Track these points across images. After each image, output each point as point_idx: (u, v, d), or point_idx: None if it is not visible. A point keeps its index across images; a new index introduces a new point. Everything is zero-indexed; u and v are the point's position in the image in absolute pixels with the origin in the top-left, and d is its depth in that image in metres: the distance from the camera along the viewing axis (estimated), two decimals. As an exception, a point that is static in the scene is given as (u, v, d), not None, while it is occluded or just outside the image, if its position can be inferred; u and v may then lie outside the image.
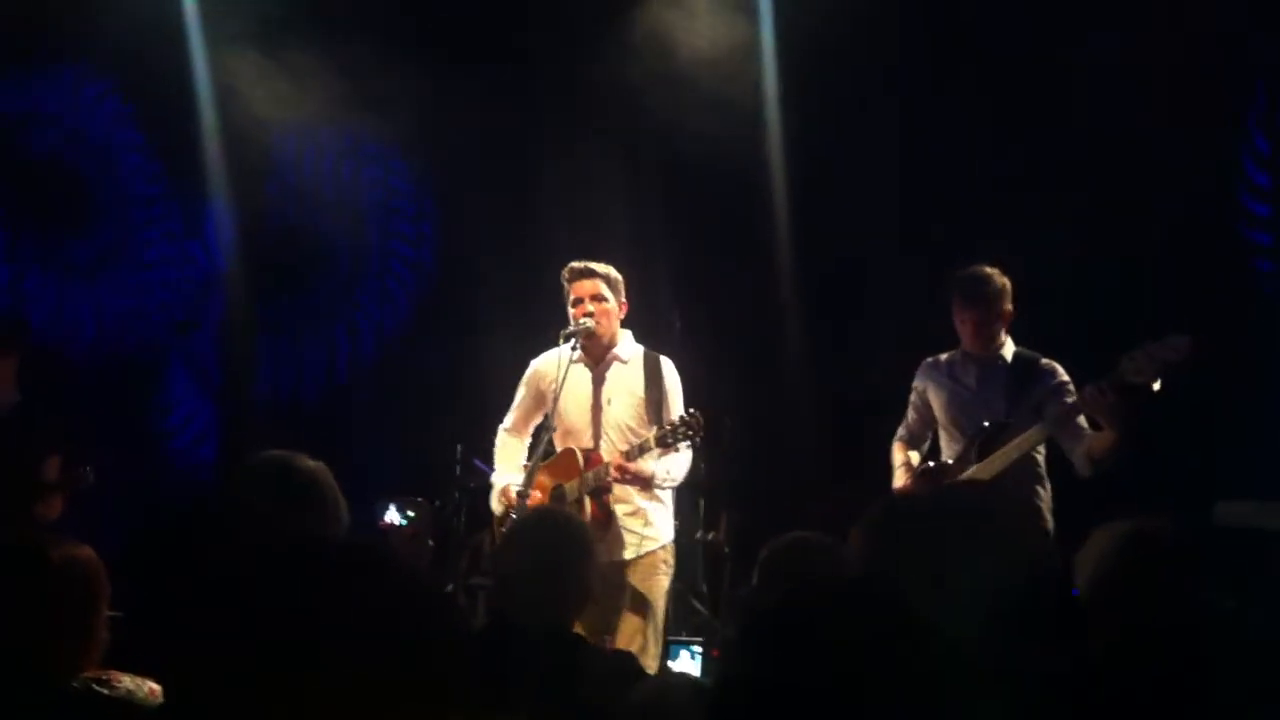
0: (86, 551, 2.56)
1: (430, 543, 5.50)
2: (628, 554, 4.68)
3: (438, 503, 6.70)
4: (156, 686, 2.46)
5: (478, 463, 6.47)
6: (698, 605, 6.04)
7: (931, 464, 4.75)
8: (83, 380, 7.47)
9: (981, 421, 4.62)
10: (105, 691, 2.44)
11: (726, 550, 6.25)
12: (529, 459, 4.87)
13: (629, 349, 4.86)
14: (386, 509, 6.43)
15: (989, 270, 4.68)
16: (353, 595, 1.95)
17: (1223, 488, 5.51)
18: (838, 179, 6.80)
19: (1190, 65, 6.01)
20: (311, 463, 2.95)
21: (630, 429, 4.76)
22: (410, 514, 6.35)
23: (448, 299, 7.73)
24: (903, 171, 6.73)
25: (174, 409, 7.87)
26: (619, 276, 4.85)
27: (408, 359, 7.73)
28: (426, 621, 1.95)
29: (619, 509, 4.69)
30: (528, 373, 4.97)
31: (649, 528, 4.72)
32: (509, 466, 4.93)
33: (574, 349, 4.75)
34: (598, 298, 4.76)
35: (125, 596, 2.73)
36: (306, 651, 1.88)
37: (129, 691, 2.45)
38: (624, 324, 4.93)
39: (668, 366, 4.82)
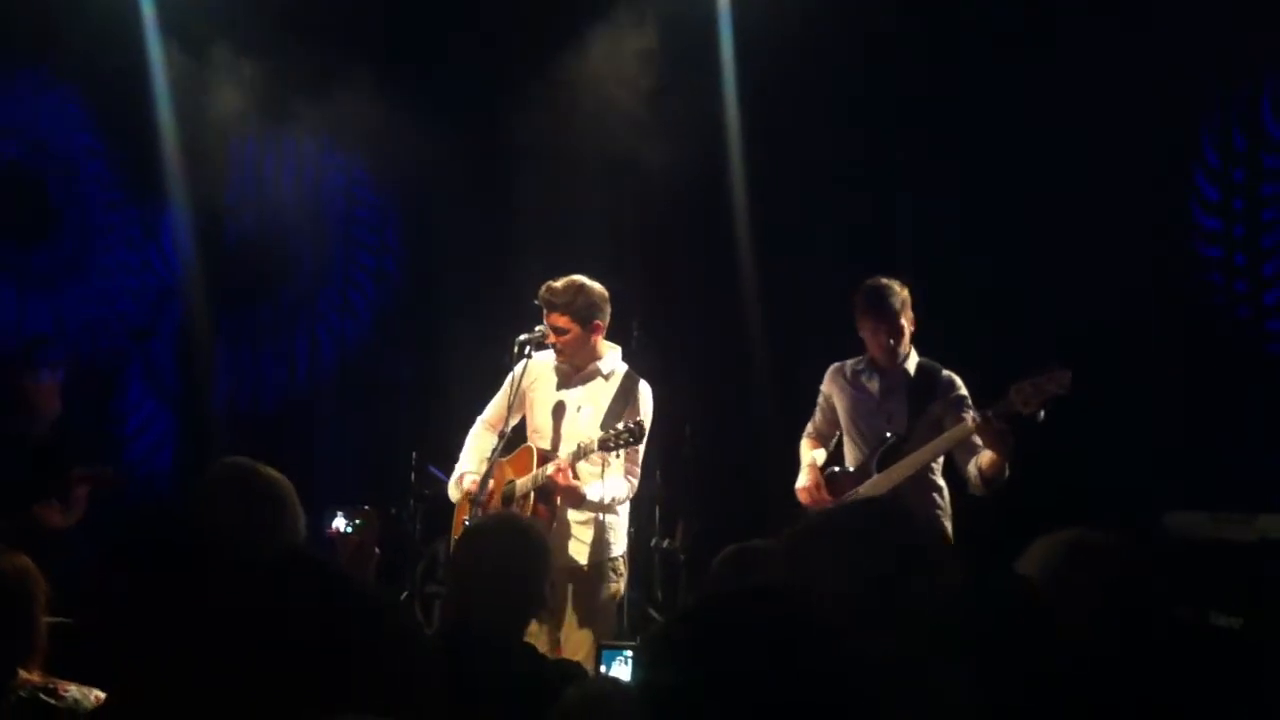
0: (20, 558, 2.56)
1: (377, 551, 5.44)
2: (580, 560, 4.69)
3: (393, 510, 6.68)
4: (103, 695, 2.47)
5: (432, 470, 6.46)
6: (654, 614, 6.06)
7: (836, 469, 4.91)
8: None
9: (883, 430, 4.81)
10: (52, 700, 2.44)
11: (683, 558, 6.28)
12: (491, 454, 4.87)
13: (611, 364, 4.89)
14: (334, 517, 6.42)
15: (889, 281, 4.81)
16: (297, 606, 1.96)
17: (1173, 499, 5.59)
18: (799, 193, 6.84)
19: (1142, 79, 6.10)
20: (273, 473, 2.96)
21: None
22: (357, 522, 6.35)
23: (409, 309, 7.72)
24: (864, 184, 6.78)
25: (131, 416, 7.82)
26: (591, 300, 4.76)
27: (368, 368, 7.71)
28: (369, 631, 1.96)
29: (572, 516, 4.70)
30: (514, 370, 4.97)
31: (600, 538, 4.73)
32: (473, 458, 4.94)
33: (528, 356, 4.79)
34: (558, 330, 4.78)
35: (82, 602, 2.73)
36: (252, 660, 1.89)
37: (75, 700, 2.45)
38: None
39: (644, 389, 4.83)
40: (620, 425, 4.54)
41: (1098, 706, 2.30)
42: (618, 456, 4.64)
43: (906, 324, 4.81)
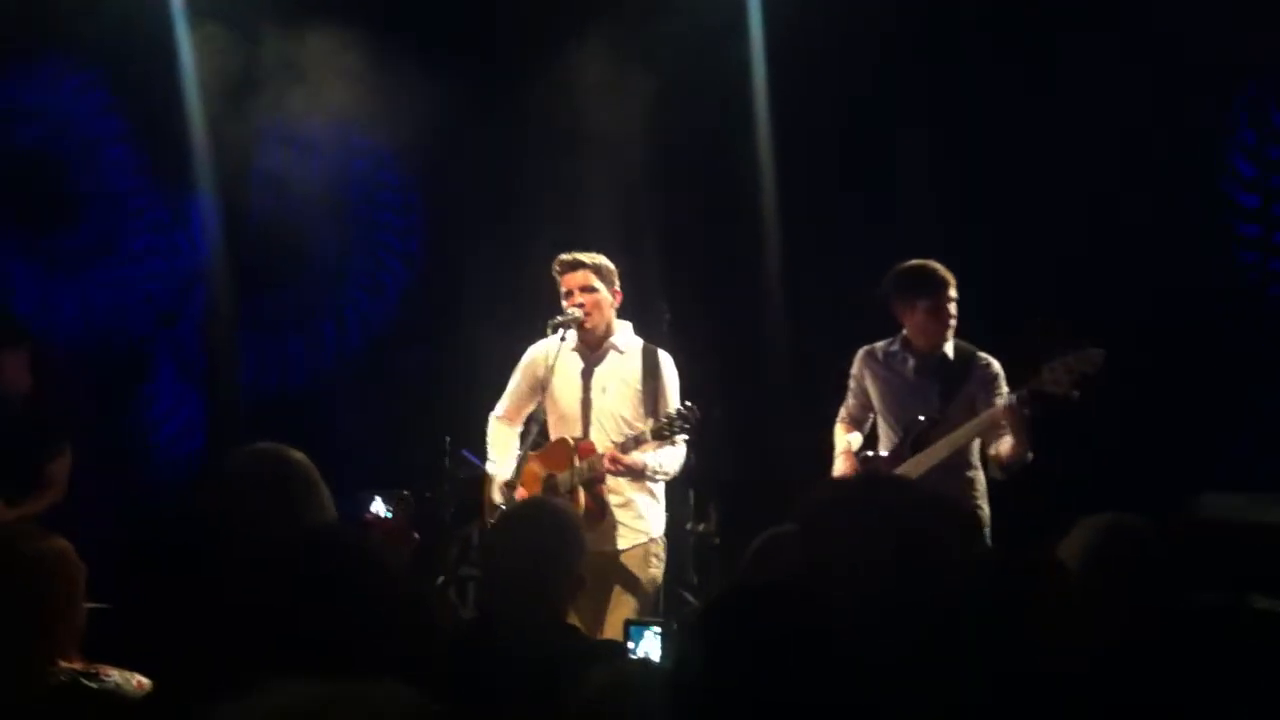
0: (60, 543, 2.55)
1: (416, 535, 5.46)
2: (620, 545, 4.69)
3: (427, 494, 6.67)
4: (145, 680, 2.46)
5: (466, 453, 6.45)
6: (688, 596, 6.05)
7: (870, 454, 4.88)
8: (68, 372, 7.45)
9: (917, 413, 4.75)
10: (93, 685, 2.43)
11: (716, 541, 6.26)
12: (520, 447, 4.87)
13: (626, 340, 4.87)
14: (371, 501, 6.43)
15: (935, 264, 4.76)
16: (336, 590, 1.95)
17: (1210, 480, 5.54)
18: (826, 172, 6.80)
19: (1179, 56, 6.03)
20: (296, 454, 2.95)
21: (624, 419, 4.76)
22: (394, 506, 6.35)
23: (436, 291, 7.70)
24: (893, 166, 6.73)
25: (159, 401, 7.84)
26: (610, 265, 4.84)
27: (396, 350, 7.70)
28: (407, 615, 1.95)
29: (610, 500, 4.69)
30: (523, 360, 4.97)
31: (640, 520, 4.73)
32: (504, 455, 4.93)
33: (562, 338, 4.76)
34: (587, 289, 4.77)
35: (114, 589, 2.72)
36: (290, 644, 1.88)
37: (117, 685, 2.44)
38: (621, 315, 4.93)
39: (666, 360, 4.82)
40: (673, 410, 4.53)
41: (1136, 689, 2.29)
42: (674, 444, 4.63)
43: (952, 304, 4.79)
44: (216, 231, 7.56)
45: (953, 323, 4.79)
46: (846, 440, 4.97)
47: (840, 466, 4.89)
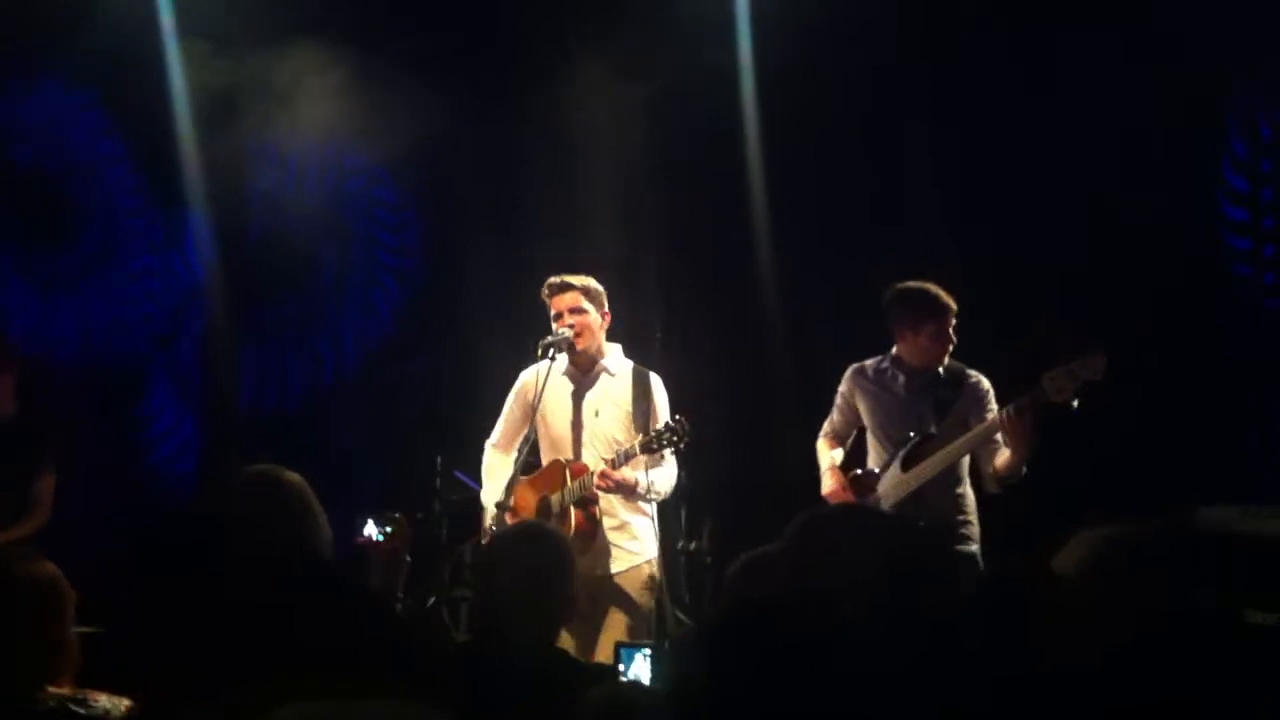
0: (49, 567, 2.55)
1: (408, 558, 5.42)
2: (614, 568, 4.68)
3: (420, 515, 6.67)
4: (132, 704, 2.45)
5: (459, 474, 6.44)
6: (680, 616, 6.03)
7: (859, 471, 4.86)
8: (65, 392, 7.45)
9: (909, 429, 4.72)
10: (81, 710, 2.42)
11: (709, 560, 6.25)
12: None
13: (617, 362, 4.87)
14: (364, 524, 6.41)
15: (937, 288, 4.80)
16: (326, 616, 1.95)
17: (1205, 492, 5.53)
18: (820, 190, 6.80)
19: (1168, 70, 6.04)
20: (293, 476, 2.95)
21: (617, 441, 4.76)
22: (388, 529, 6.33)
23: (431, 310, 7.71)
24: (886, 180, 6.74)
25: (156, 420, 7.83)
26: (599, 288, 4.84)
27: (391, 370, 7.70)
28: (396, 642, 1.95)
29: (605, 522, 4.68)
30: (515, 386, 4.96)
31: (634, 542, 4.72)
32: (499, 483, 4.92)
33: (552, 359, 4.76)
34: (576, 310, 4.77)
35: (106, 610, 2.72)
36: (279, 670, 1.88)
37: (105, 711, 2.43)
38: (611, 337, 4.94)
39: (656, 381, 4.83)
40: (661, 425, 4.52)
41: (1133, 699, 2.28)
42: (663, 458, 4.63)
43: (952, 327, 4.80)
44: (212, 252, 7.56)
45: (952, 346, 4.80)
46: (831, 456, 4.97)
47: (828, 483, 4.88)
